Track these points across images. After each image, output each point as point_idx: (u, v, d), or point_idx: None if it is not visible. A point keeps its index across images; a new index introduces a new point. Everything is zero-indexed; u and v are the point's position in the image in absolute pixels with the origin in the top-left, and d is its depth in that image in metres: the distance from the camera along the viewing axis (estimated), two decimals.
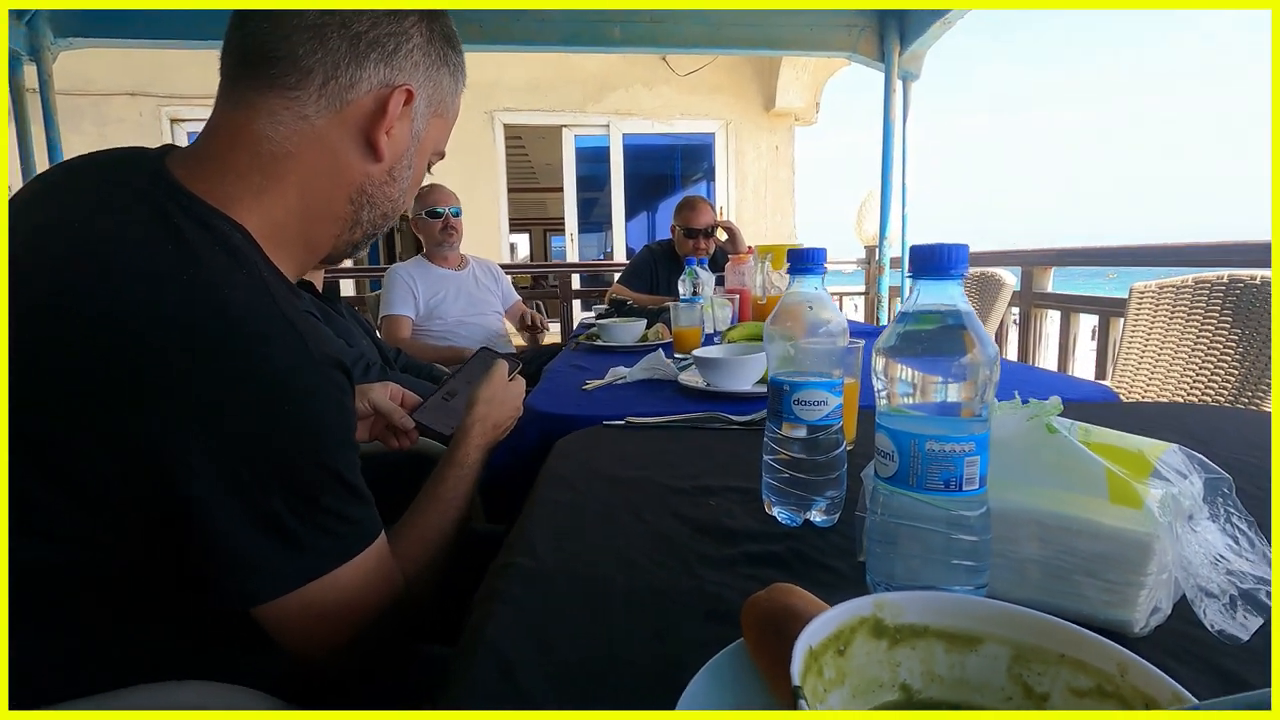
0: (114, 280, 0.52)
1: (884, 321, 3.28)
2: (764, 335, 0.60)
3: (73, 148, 3.50)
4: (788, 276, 1.57)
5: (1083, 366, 2.84)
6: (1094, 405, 1.03)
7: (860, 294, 4.55)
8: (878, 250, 3.42)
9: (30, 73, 2.89)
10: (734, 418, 0.95)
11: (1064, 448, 0.43)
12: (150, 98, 5.05)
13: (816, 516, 0.58)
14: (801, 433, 0.56)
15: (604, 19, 3.06)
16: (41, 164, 2.98)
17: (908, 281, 3.28)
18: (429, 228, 2.52)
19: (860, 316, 4.52)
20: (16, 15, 2.74)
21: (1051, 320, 2.75)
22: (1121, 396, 1.77)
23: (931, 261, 0.39)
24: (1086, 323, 2.66)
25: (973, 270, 2.80)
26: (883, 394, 0.42)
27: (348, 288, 5.07)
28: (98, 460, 0.50)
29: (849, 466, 0.59)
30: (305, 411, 0.54)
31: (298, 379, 0.54)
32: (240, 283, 0.55)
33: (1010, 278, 2.62)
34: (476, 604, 0.53)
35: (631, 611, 0.45)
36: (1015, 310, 2.88)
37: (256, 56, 0.61)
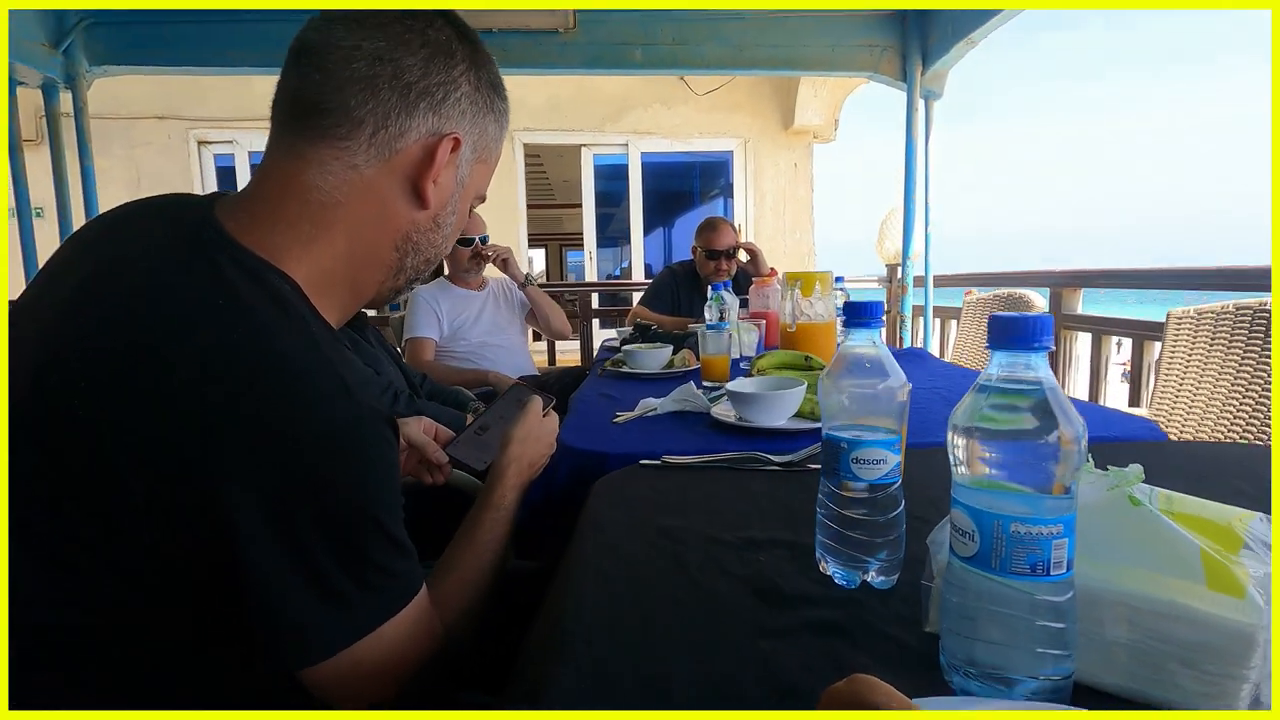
0: (167, 333, 0.52)
1: (908, 343, 3.23)
2: (819, 389, 0.58)
3: (102, 170, 3.58)
4: (818, 304, 1.55)
5: (1115, 391, 2.78)
6: (1143, 445, 1.00)
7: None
8: (900, 269, 3.39)
9: (63, 98, 2.96)
10: (773, 457, 0.94)
11: (1151, 523, 0.41)
12: (179, 120, 5.16)
13: (874, 578, 0.56)
14: (860, 492, 0.54)
15: (626, 42, 3.08)
16: (75, 187, 3.05)
17: (933, 297, 3.22)
18: (458, 254, 2.53)
19: (881, 333, 4.47)
20: (53, 44, 2.82)
21: (1082, 343, 2.70)
22: (1161, 427, 1.73)
23: (1014, 333, 0.37)
24: (1118, 345, 2.61)
25: (1000, 291, 2.76)
26: (961, 468, 0.40)
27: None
28: (146, 514, 0.49)
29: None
30: (355, 467, 0.54)
31: (348, 434, 0.53)
32: (291, 337, 0.55)
33: (1039, 299, 2.58)
34: (528, 670, 0.51)
35: (699, 692, 0.43)
36: None
37: (309, 107, 0.62)
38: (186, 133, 5.19)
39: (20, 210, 3.03)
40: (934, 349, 3.52)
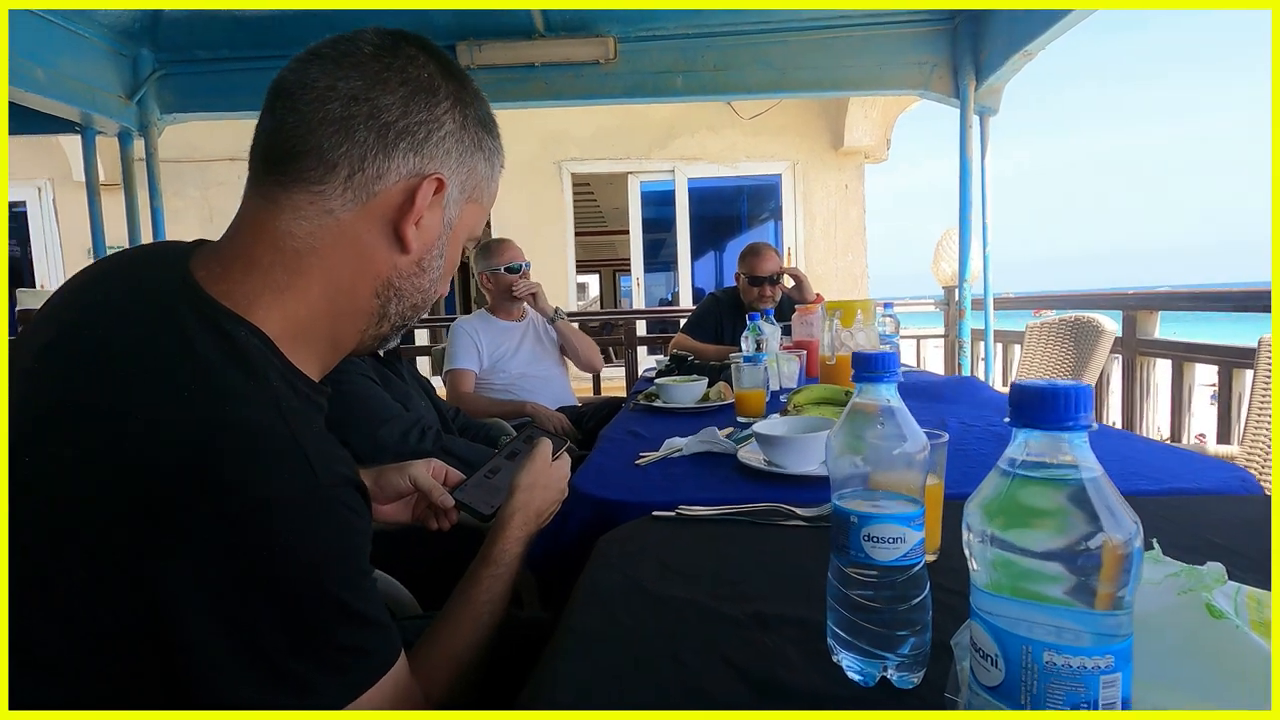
0: (119, 395, 0.49)
1: (966, 370, 3.05)
2: (826, 450, 0.51)
3: (178, 210, 3.83)
4: (859, 334, 1.46)
5: (1202, 420, 2.54)
6: (1233, 500, 0.87)
7: (940, 336, 4.31)
8: (958, 292, 3.22)
9: (136, 145, 3.14)
10: (798, 510, 0.85)
11: (1237, 645, 0.32)
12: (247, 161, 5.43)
13: (894, 674, 0.48)
14: (873, 575, 0.46)
15: (667, 70, 3.07)
16: (146, 228, 3.22)
17: (994, 347, 3.01)
18: (502, 282, 2.53)
19: (940, 359, 4.27)
20: (128, 95, 2.99)
21: (1161, 370, 2.48)
22: (1257, 468, 1.54)
23: (1043, 409, 0.30)
24: (1203, 374, 2.38)
25: (1068, 315, 2.58)
26: (979, 572, 0.32)
27: (422, 336, 5.23)
28: (89, 588, 0.46)
29: (933, 584, 0.49)
30: (307, 543, 0.49)
31: (300, 508, 0.49)
32: (248, 400, 0.51)
33: (1110, 323, 2.39)
34: None
35: None
36: (1118, 358, 2.62)
37: (283, 151, 0.59)
38: None
39: (97, 249, 3.23)
40: (995, 377, 3.31)
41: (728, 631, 0.57)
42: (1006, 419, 0.31)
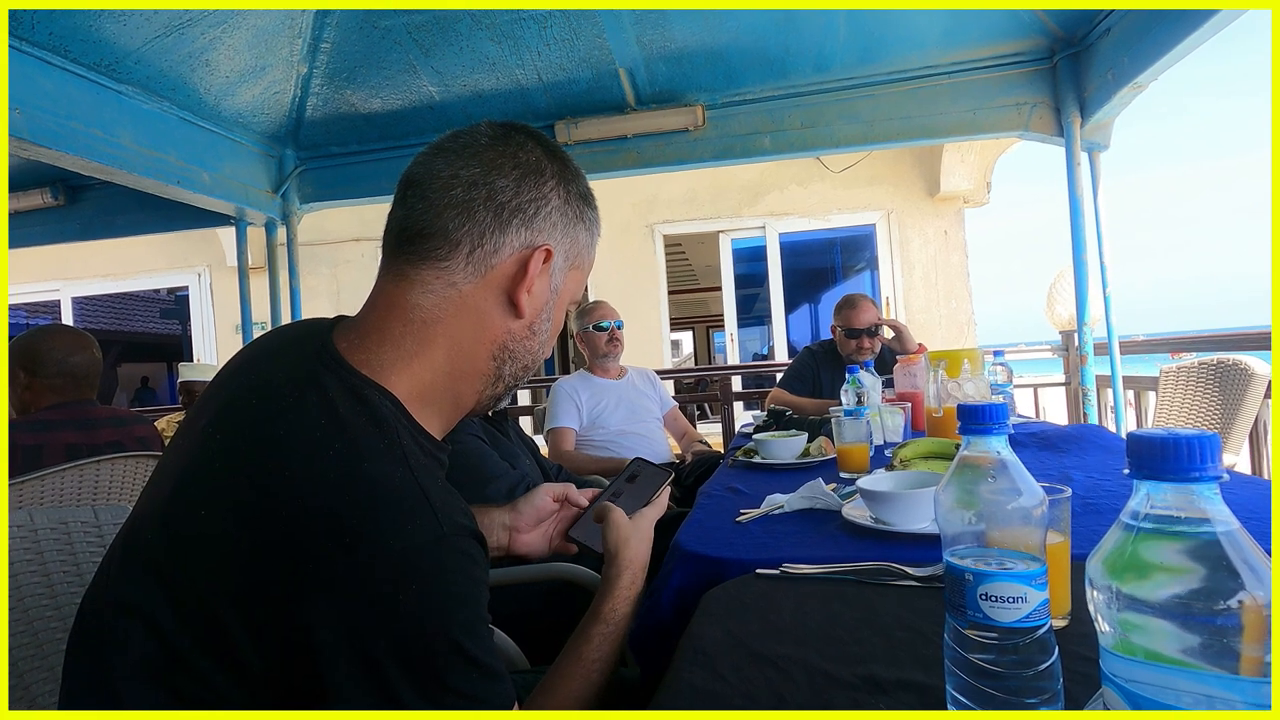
0: (274, 460, 0.55)
1: (1092, 419, 2.81)
2: (935, 505, 0.50)
3: (311, 287, 4.22)
4: (967, 385, 1.40)
5: None
6: None
7: (1060, 385, 4.01)
8: (1077, 336, 3.01)
9: (279, 232, 3.54)
10: (910, 569, 0.82)
11: None
12: (371, 241, 5.98)
13: None
14: (993, 638, 0.44)
15: (754, 131, 3.14)
16: (285, 305, 3.59)
17: (1123, 395, 2.79)
18: (595, 340, 2.64)
19: (1060, 408, 3.97)
20: (274, 189, 3.40)
21: None
22: None
23: (1165, 459, 0.29)
24: None
25: (1208, 358, 2.35)
26: (1108, 634, 0.31)
27: (524, 397, 5.44)
28: (245, 633, 0.51)
29: (1064, 651, 0.46)
30: (433, 589, 0.53)
31: (426, 555, 0.53)
32: (383, 457, 0.56)
33: (1262, 365, 2.16)
34: None
35: None
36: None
37: (413, 234, 0.67)
38: (376, 250, 5.91)
39: (244, 325, 3.63)
40: (1127, 427, 3.03)
41: (838, 693, 0.56)
42: (1126, 470, 0.31)
